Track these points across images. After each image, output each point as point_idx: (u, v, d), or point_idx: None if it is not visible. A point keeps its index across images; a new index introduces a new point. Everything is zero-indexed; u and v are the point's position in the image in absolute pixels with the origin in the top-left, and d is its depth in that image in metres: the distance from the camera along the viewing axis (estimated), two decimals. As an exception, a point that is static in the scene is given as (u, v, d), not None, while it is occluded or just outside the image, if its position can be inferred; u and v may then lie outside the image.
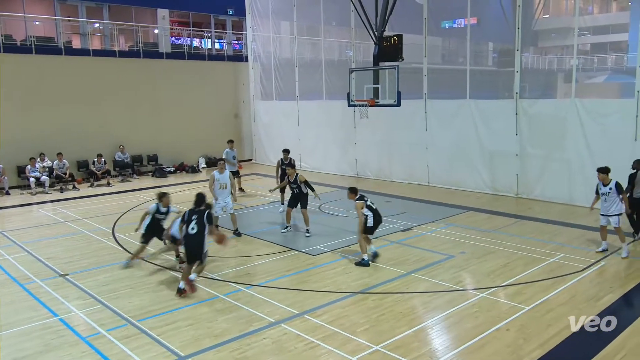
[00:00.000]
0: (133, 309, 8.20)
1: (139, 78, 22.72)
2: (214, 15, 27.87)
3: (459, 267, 9.97)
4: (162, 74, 23.40)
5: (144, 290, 8.98)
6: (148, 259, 10.55)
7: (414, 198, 16.68)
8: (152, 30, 25.47)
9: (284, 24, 25.20)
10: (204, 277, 9.50)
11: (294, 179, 12.29)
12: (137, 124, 22.68)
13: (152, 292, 8.93)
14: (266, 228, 13.11)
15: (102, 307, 8.30)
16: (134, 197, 17.78)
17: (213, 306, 8.26)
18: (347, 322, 7.61)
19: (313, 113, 22.63)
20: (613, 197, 10.25)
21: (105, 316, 7.94)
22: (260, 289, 8.99)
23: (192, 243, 8.82)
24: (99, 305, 8.35)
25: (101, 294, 8.83)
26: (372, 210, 10.23)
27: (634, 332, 7.16)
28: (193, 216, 8.89)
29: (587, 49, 42.30)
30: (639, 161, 11.25)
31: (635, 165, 11.23)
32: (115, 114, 22.00)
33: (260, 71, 25.51)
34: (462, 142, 17.41)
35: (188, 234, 8.83)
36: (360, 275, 9.59)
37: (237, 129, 26.13)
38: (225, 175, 12.39)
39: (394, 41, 14.27)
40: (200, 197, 9.21)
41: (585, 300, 8.24)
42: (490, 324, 7.43)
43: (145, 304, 8.37)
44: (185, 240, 8.95)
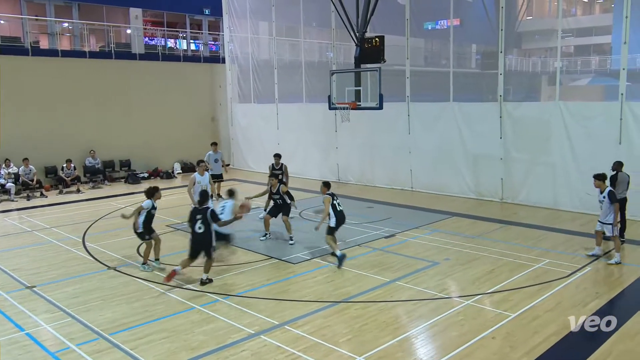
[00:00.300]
0: (105, 321, 8.08)
1: (110, 80, 22.48)
2: (189, 15, 27.75)
3: (443, 274, 10.04)
4: (135, 75, 23.20)
5: (116, 302, 8.86)
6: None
7: (397, 203, 16.77)
8: (124, 30, 25.25)
9: (262, 25, 25.21)
10: (179, 287, 9.42)
11: (276, 190, 12.39)
12: (109, 128, 22.42)
13: (125, 303, 8.80)
14: (245, 236, 13.05)
15: (71, 320, 8.15)
16: (105, 204, 17.55)
17: (189, 318, 8.17)
18: (329, 332, 7.60)
19: (293, 116, 22.64)
20: (607, 205, 10.38)
21: (75, 330, 7.80)
22: (239, 299, 8.93)
23: (199, 241, 9.41)
24: (68, 319, 8.20)
25: (71, 306, 8.68)
26: (335, 211, 10.72)
27: (620, 338, 7.28)
28: (198, 215, 9.39)
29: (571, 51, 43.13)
30: (619, 163, 11.56)
31: (615, 167, 11.50)
32: (86, 118, 21.72)
33: (238, 73, 25.46)
34: (445, 145, 17.58)
35: (195, 233, 9.40)
36: (343, 284, 9.59)
37: (214, 133, 26.00)
38: (205, 178, 12.68)
39: (376, 42, 14.37)
40: (204, 195, 9.66)
41: (571, 306, 8.36)
42: (476, 332, 7.49)
43: (117, 317, 8.26)
44: (192, 238, 9.50)
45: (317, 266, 10.62)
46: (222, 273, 10.22)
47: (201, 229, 9.36)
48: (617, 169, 11.44)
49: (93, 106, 21.91)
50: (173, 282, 9.46)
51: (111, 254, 11.64)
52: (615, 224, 10.37)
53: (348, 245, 11.94)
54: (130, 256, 11.37)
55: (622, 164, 11.59)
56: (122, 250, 11.82)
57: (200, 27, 28.47)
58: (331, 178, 21.28)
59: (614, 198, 10.30)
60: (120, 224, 14.37)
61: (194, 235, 9.46)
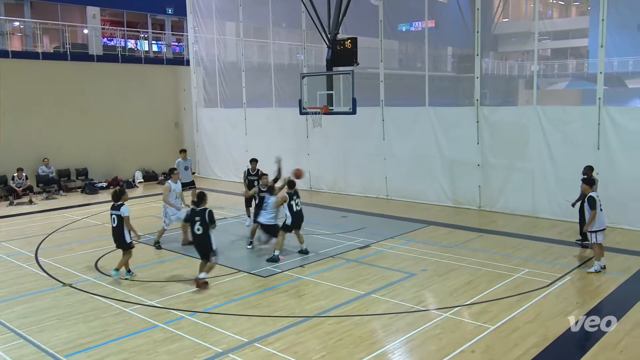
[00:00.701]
0: (60, 342, 7.88)
1: (65, 83, 22.09)
2: (150, 14, 27.52)
3: (420, 286, 10.10)
4: (92, 78, 22.84)
5: (72, 321, 8.66)
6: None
7: (371, 212, 16.85)
8: (80, 30, 24.88)
9: (229, 25, 25.15)
10: (141, 304, 9.27)
11: (266, 189, 12.75)
12: (64, 135, 22.00)
13: (81, 322, 8.61)
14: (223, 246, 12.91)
15: (23, 342, 7.93)
16: (60, 216, 17.19)
17: (151, 337, 8.03)
18: (302, 349, 7.56)
19: (262, 121, 22.59)
20: (587, 211, 10.53)
21: (28, 352, 7.60)
22: (206, 315, 8.83)
23: (198, 242, 9.96)
24: (19, 340, 7.98)
25: (22, 327, 8.45)
26: (291, 211, 11.73)
27: (602, 348, 7.43)
28: (196, 217, 9.79)
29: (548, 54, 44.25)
30: (589, 167, 12.17)
31: (586, 171, 12.02)
32: (39, 123, 21.26)
33: (204, 76, 25.31)
34: (421, 152, 17.76)
35: (194, 234, 9.92)
36: (316, 298, 9.57)
37: (178, 139, 25.76)
38: (179, 185, 13.24)
39: (348, 44, 14.46)
40: (201, 196, 9.96)
41: (551, 317, 8.51)
42: (454, 346, 7.55)
43: (73, 337, 8.07)
44: (193, 240, 10.13)
45: (289, 279, 10.58)
46: (187, 288, 10.10)
47: (200, 231, 9.78)
48: (587, 173, 11.94)
49: (47, 111, 21.47)
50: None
51: (67, 269, 11.38)
52: (585, 229, 10.70)
53: (321, 257, 11.95)
54: (87, 271, 11.15)
55: (593, 168, 12.21)
56: (78, 265, 11.58)
57: (163, 27, 28.24)
58: (302, 186, 21.25)
59: (592, 204, 10.52)
60: (76, 237, 14.14)
61: (194, 236, 9.99)
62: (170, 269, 11.42)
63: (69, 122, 22.15)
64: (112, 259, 11.77)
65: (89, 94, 22.75)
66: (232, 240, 13.56)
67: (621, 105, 16.49)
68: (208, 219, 9.70)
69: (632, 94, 25.62)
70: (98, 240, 13.57)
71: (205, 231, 9.74)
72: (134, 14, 27.29)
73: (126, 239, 10.47)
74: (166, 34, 27.99)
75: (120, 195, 10.62)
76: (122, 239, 10.47)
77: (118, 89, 23.55)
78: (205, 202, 9.92)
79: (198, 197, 9.98)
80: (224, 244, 13.16)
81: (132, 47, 26.50)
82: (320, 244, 12.87)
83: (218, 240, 10.15)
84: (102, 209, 17.94)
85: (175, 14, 27.68)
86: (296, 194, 12.03)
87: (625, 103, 21.11)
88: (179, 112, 26.21)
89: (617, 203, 13.72)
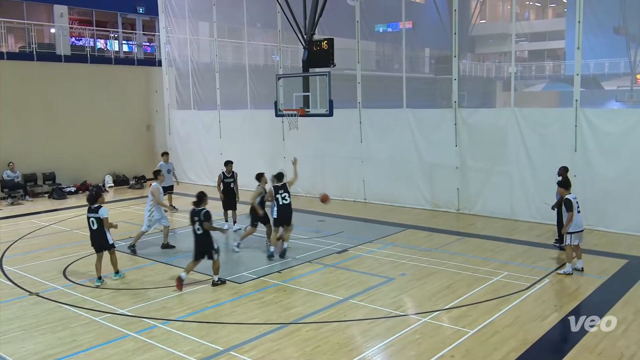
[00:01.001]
0: (26, 354, 7.75)
1: (32, 84, 21.73)
2: (121, 13, 27.23)
3: (399, 290, 10.16)
4: (60, 79, 22.51)
5: (39, 332, 8.51)
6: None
7: (349, 216, 16.90)
8: (47, 29, 24.50)
9: (203, 25, 25.02)
10: (112, 312, 9.15)
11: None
12: (31, 138, 21.61)
13: (49, 333, 8.47)
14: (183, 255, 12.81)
15: (-13, 354, 7.78)
16: (26, 222, 16.89)
17: (122, 347, 7.93)
18: (279, 357, 7.54)
19: (237, 124, 22.50)
20: (565, 213, 10.69)
21: (-8, 365, 7.46)
22: (179, 324, 8.75)
23: (199, 242, 10.30)
24: (-17, 353, 7.82)
25: (-14, 338, 8.28)
26: (277, 204, 12.07)
27: (580, 351, 7.56)
28: (195, 217, 10.22)
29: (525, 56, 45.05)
30: (564, 168, 12.44)
31: (561, 172, 12.31)
32: (4, 126, 20.81)
33: (176, 77, 25.11)
34: (399, 154, 17.87)
35: (195, 234, 10.29)
36: (292, 304, 9.56)
37: (149, 142, 25.52)
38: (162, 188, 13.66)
39: (325, 45, 14.49)
40: (201, 196, 10.34)
41: (530, 320, 8.63)
42: (434, 351, 7.61)
43: (40, 348, 7.93)
44: (194, 239, 10.37)
45: (265, 285, 10.54)
46: (159, 296, 10.00)
47: (200, 230, 10.20)
48: (562, 174, 12.22)
49: (12, 113, 21.07)
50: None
51: (33, 277, 11.18)
52: (564, 232, 10.82)
53: (298, 262, 11.94)
54: (55, 280, 10.97)
55: (568, 169, 12.49)
56: (45, 274, 11.38)
57: (134, 26, 27.96)
58: (279, 190, 21.22)
59: (568, 206, 10.70)
60: (44, 244, 13.89)
61: (195, 236, 10.33)
62: (142, 275, 11.31)
63: (35, 124, 21.77)
64: (80, 266, 11.63)
65: (57, 95, 22.41)
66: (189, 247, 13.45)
67: (598, 107, 16.81)
68: (203, 217, 10.10)
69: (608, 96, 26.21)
70: (66, 247, 13.37)
71: (205, 230, 10.15)
72: (104, 13, 26.97)
73: (109, 240, 10.62)
74: (137, 34, 27.71)
75: (96, 197, 10.66)
76: (105, 240, 10.60)
77: (87, 91, 23.24)
78: (204, 203, 10.33)
79: (198, 198, 10.35)
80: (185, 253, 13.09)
81: (101, 47, 26.18)
82: (297, 249, 12.86)
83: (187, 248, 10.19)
84: (70, 214, 17.70)
85: (147, 13, 27.44)
86: (283, 188, 12.29)
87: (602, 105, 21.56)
88: (151, 115, 25.96)
89: (595, 205, 14.01)
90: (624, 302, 9.33)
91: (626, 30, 19.90)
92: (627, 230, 13.72)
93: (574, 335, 8.01)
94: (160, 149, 25.61)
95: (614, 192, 13.85)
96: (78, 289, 10.40)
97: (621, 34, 20.72)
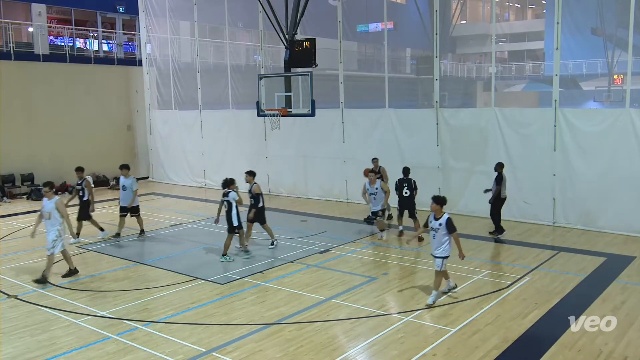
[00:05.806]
0: (5, 358, 7.65)
1: (9, 84, 21.41)
2: (100, 12, 26.92)
3: (382, 290, 10.20)
4: (38, 79, 22.23)
5: (18, 335, 8.40)
6: None
7: (332, 216, 16.93)
8: (25, 28, 24.16)
9: (184, 24, 24.86)
10: (92, 314, 9.07)
11: (249, 189, 12.91)
12: (8, 138, 21.29)
13: (28, 336, 8.36)
14: (165, 255, 12.74)
15: (-36, 358, 7.66)
16: (4, 224, 16.65)
17: (104, 349, 7.87)
18: (262, 357, 7.54)
19: (218, 124, 22.41)
20: (442, 234, 9.46)
21: (-31, 369, 7.35)
22: (161, 325, 8.70)
23: (226, 219, 12.04)
24: (-40, 357, 7.70)
25: (-37, 342, 8.15)
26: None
27: (560, 349, 7.67)
28: (223, 198, 12.00)
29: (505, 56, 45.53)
30: (500, 164, 13.63)
31: (497, 168, 13.51)
32: (-20, 126, 20.55)
33: (157, 77, 24.93)
34: (382, 154, 17.83)
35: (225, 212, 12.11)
36: (275, 304, 9.55)
37: (130, 143, 25.28)
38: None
39: (307, 45, 14.51)
40: (226, 180, 11.99)
41: (511, 318, 8.72)
42: (416, 350, 7.66)
43: (19, 352, 7.84)
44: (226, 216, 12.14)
45: (247, 286, 10.52)
46: (140, 297, 9.92)
47: (226, 208, 11.97)
48: (499, 169, 13.44)
49: (-11, 113, 20.78)
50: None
51: (12, 280, 11.03)
52: (460, 257, 9.72)
53: (280, 262, 11.94)
54: (34, 282, 10.80)
55: (504, 165, 13.64)
56: (23, 276, 11.23)
57: (114, 26, 27.67)
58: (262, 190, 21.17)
59: (451, 227, 9.44)
60: (22, 247, 13.69)
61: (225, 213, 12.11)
62: (122, 277, 11.21)
63: (13, 124, 21.46)
64: (61, 267, 11.46)
65: (35, 95, 22.11)
66: (188, 247, 13.40)
67: (576, 107, 17.08)
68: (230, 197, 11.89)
69: (587, 96, 26.63)
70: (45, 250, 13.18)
71: (228, 210, 11.86)
72: (83, 12, 26.66)
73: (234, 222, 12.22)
74: (117, 33, 27.43)
75: (229, 183, 12.11)
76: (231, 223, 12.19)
77: (66, 90, 22.97)
78: (233, 186, 12.04)
79: (224, 181, 12.02)
80: (180, 250, 13.03)
81: (80, 46, 25.86)
82: (279, 249, 12.86)
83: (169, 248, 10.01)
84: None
85: (127, 12, 27.17)
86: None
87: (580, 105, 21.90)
88: (132, 115, 25.73)
89: (574, 204, 14.21)
90: (602, 300, 9.48)
91: (603, 31, 20.26)
92: (605, 228, 13.92)
93: (553, 333, 8.12)
94: (142, 150, 25.52)
95: (592, 191, 14.05)
96: (57, 292, 10.28)
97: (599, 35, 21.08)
